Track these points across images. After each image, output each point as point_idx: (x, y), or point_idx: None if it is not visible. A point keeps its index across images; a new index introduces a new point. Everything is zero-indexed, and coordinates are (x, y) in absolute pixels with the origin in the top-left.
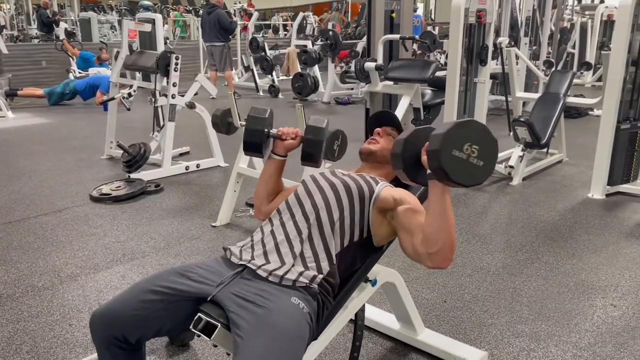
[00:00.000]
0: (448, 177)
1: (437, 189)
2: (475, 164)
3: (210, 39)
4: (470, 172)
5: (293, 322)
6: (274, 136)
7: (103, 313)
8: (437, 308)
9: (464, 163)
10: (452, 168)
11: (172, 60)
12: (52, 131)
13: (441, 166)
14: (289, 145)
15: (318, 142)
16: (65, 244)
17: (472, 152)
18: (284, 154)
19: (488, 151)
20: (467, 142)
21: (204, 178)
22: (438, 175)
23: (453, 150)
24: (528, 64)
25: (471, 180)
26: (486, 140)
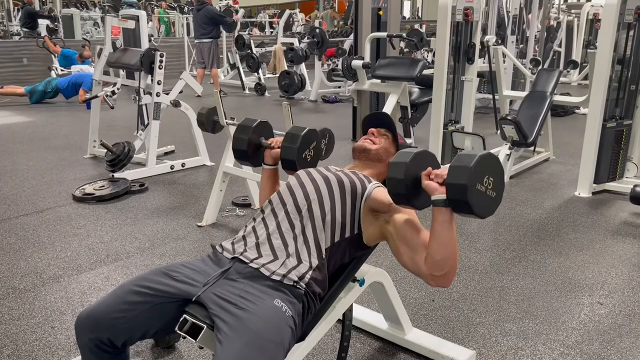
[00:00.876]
0: (470, 211)
1: (445, 217)
2: (490, 195)
3: (199, 35)
4: (487, 204)
5: (273, 327)
6: (265, 145)
7: (88, 316)
8: (425, 307)
9: (483, 196)
10: (475, 202)
11: (156, 58)
12: (34, 130)
13: (466, 200)
14: (275, 154)
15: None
16: (47, 245)
17: (489, 185)
18: (272, 163)
19: (500, 182)
20: (486, 174)
21: (189, 177)
22: (457, 207)
23: (477, 184)
24: (515, 62)
25: (487, 213)
26: (499, 171)
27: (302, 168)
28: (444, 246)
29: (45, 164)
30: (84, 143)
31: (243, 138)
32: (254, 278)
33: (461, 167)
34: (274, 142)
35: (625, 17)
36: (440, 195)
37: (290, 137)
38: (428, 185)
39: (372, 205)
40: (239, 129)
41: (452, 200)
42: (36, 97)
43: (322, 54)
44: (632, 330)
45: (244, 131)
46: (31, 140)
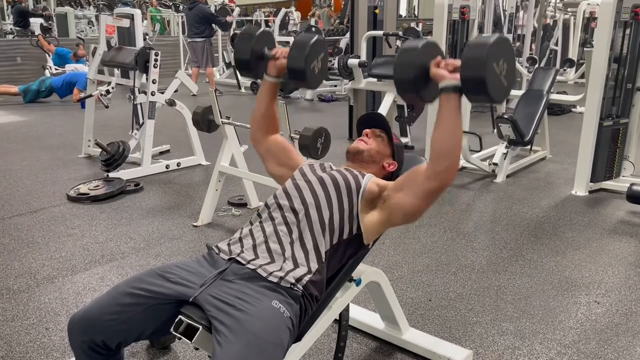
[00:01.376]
0: (485, 88)
1: (453, 104)
2: (502, 82)
3: (192, 35)
4: (500, 88)
5: (272, 328)
6: (268, 56)
7: (81, 317)
8: (422, 307)
9: (497, 78)
10: (490, 80)
11: (151, 57)
12: (28, 129)
13: (482, 76)
14: (280, 65)
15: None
16: (41, 245)
17: (503, 70)
18: (275, 75)
19: (512, 72)
20: (502, 57)
21: (184, 177)
22: (472, 87)
23: (494, 62)
24: None
25: (499, 97)
26: (512, 61)
27: (310, 80)
28: (450, 133)
29: (40, 163)
30: (79, 142)
31: (246, 46)
32: (250, 279)
33: (480, 44)
34: (278, 52)
35: (622, 16)
36: (449, 82)
37: (298, 45)
38: (437, 72)
39: (368, 198)
40: (242, 37)
41: (467, 79)
42: (30, 96)
43: None
44: (628, 329)
45: (247, 39)
46: (25, 140)
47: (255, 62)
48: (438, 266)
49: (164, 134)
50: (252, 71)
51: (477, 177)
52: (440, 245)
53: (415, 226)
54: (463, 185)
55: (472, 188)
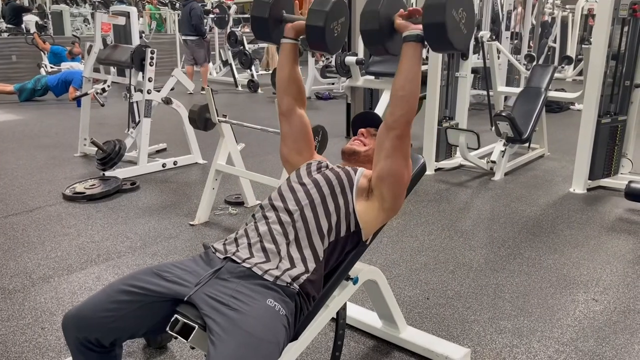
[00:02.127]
0: (444, 34)
1: (415, 52)
2: (462, 29)
3: (185, 32)
4: (459, 35)
5: (267, 327)
6: (286, 19)
7: (75, 315)
8: (420, 305)
9: (456, 25)
10: (450, 25)
11: (147, 55)
12: (23, 128)
13: (443, 21)
14: (298, 26)
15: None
16: (37, 245)
17: (462, 18)
18: (293, 37)
19: (471, 21)
20: (461, 6)
21: (181, 175)
22: (432, 32)
23: (453, 9)
24: (510, 58)
25: (459, 43)
26: (471, 10)
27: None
28: (410, 81)
29: (35, 162)
30: (74, 141)
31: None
32: (245, 277)
33: None
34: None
35: (620, 12)
36: (412, 31)
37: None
38: (400, 24)
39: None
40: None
41: (428, 25)
42: (25, 95)
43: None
44: (627, 327)
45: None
46: (20, 139)
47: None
48: (436, 264)
49: (160, 133)
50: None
51: (475, 174)
52: (438, 243)
53: (413, 224)
54: (461, 183)
55: (470, 186)
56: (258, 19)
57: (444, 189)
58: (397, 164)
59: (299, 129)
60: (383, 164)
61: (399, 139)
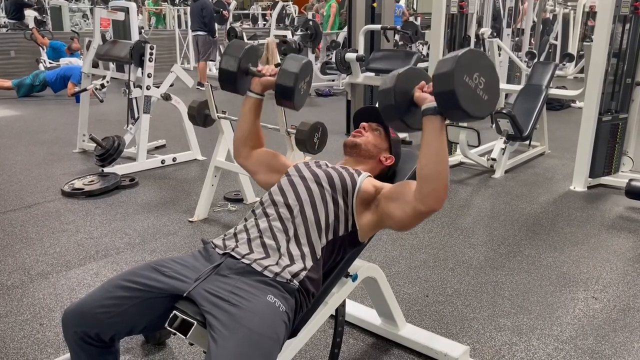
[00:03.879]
0: (456, 102)
1: (434, 125)
2: (481, 96)
3: (195, 27)
4: (476, 103)
5: (267, 323)
6: (253, 73)
7: (75, 310)
8: (419, 303)
9: (472, 92)
10: (462, 93)
11: (146, 50)
12: (22, 124)
13: (452, 89)
14: (266, 82)
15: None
16: (35, 241)
17: (480, 84)
18: (259, 92)
19: (493, 86)
20: (477, 71)
21: (180, 172)
22: (444, 102)
23: (464, 75)
24: (510, 55)
25: (477, 111)
26: (492, 74)
27: (296, 99)
28: (433, 158)
29: (34, 158)
30: (73, 137)
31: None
32: (245, 274)
33: (447, 58)
34: (264, 69)
35: (621, 10)
36: (430, 104)
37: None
38: (419, 96)
39: (363, 197)
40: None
41: (438, 95)
42: (24, 90)
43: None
44: (626, 325)
45: (235, 53)
46: (19, 135)
47: (240, 78)
48: (435, 262)
49: (159, 129)
50: (236, 86)
51: (475, 172)
52: (437, 240)
53: None
54: (461, 181)
55: (470, 183)
56: (227, 72)
57: None
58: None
59: (265, 158)
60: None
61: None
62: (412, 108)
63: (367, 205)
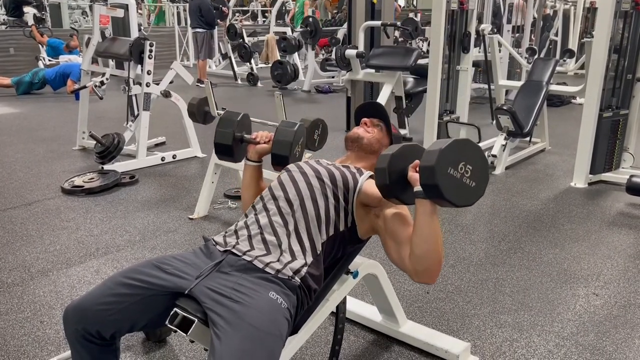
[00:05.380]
0: (441, 195)
1: (425, 209)
2: (468, 184)
3: (194, 25)
4: (463, 192)
5: (270, 320)
6: (248, 140)
7: (76, 307)
8: (420, 299)
9: (458, 182)
10: (446, 186)
11: (146, 47)
12: (21, 121)
13: (435, 183)
14: (261, 150)
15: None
16: (35, 239)
17: (466, 172)
18: (256, 159)
19: (481, 172)
20: (462, 161)
21: (180, 169)
22: (430, 193)
23: (449, 168)
24: (511, 51)
25: (463, 201)
26: (480, 161)
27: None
28: (424, 240)
29: (33, 156)
30: (73, 135)
31: (228, 132)
32: (247, 270)
33: (432, 151)
34: (258, 136)
35: (622, 5)
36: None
37: (282, 132)
38: (412, 177)
39: (364, 200)
40: (223, 123)
41: (424, 186)
42: (23, 88)
43: (315, 43)
44: (627, 321)
45: (228, 125)
46: (18, 132)
47: (235, 147)
48: None
49: (159, 126)
50: (233, 156)
51: None
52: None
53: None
54: None
55: None
56: (222, 145)
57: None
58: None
59: None
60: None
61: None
62: (407, 186)
63: (366, 209)
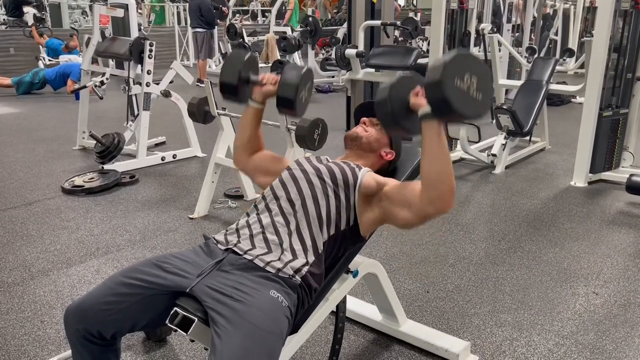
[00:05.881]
0: (450, 107)
1: (432, 130)
2: (475, 97)
3: (193, 25)
4: (470, 104)
5: (271, 319)
6: (254, 81)
7: (77, 307)
8: (420, 299)
9: (465, 94)
10: (455, 97)
11: (146, 47)
12: (21, 121)
13: (444, 96)
14: (267, 91)
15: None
16: (36, 238)
17: (472, 84)
18: (260, 101)
19: (485, 84)
20: (467, 72)
21: (180, 169)
22: (438, 109)
23: (455, 79)
24: (511, 50)
25: (472, 112)
26: (483, 73)
27: (298, 108)
28: (435, 161)
29: (34, 156)
30: (73, 134)
31: (234, 70)
32: (247, 269)
33: (437, 65)
34: (265, 78)
35: (622, 5)
36: (426, 108)
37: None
38: (415, 102)
39: (365, 192)
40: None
41: (431, 102)
42: (23, 88)
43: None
44: (627, 320)
45: (235, 63)
46: (19, 132)
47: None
48: (436, 258)
49: (159, 126)
50: (237, 96)
51: (476, 168)
52: (438, 237)
53: None
54: (461, 177)
55: (470, 179)
56: (228, 83)
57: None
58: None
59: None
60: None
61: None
62: (410, 114)
63: (369, 200)
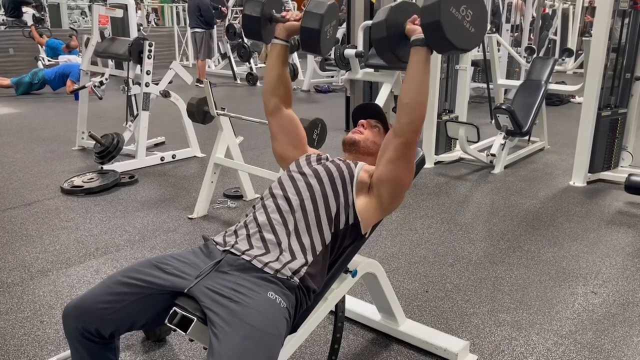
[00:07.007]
0: (442, 34)
1: (420, 56)
2: (468, 28)
3: (192, 25)
4: (462, 35)
5: (269, 320)
6: (277, 19)
7: (75, 306)
8: (419, 298)
9: (458, 24)
10: (448, 25)
11: (145, 47)
12: (21, 121)
13: (438, 19)
14: (290, 27)
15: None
16: (35, 239)
17: (467, 16)
18: (284, 38)
19: (481, 19)
20: (464, 3)
21: (180, 169)
22: (430, 33)
23: (451, 6)
24: (510, 50)
25: (462, 43)
26: (480, 7)
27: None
28: (415, 86)
29: (33, 156)
30: (72, 135)
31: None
32: (245, 270)
33: None
34: (287, 15)
35: (620, 4)
36: (419, 35)
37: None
38: (410, 28)
39: (361, 186)
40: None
41: (425, 26)
42: (23, 88)
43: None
44: (625, 320)
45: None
46: (18, 132)
47: (264, 24)
48: (435, 257)
49: (158, 126)
50: (260, 33)
51: (475, 168)
52: (437, 236)
53: (412, 217)
54: (460, 177)
55: (469, 179)
56: (250, 17)
57: (444, 182)
58: (399, 170)
59: (289, 124)
60: (385, 168)
61: (404, 147)
62: (404, 41)
63: (364, 191)
